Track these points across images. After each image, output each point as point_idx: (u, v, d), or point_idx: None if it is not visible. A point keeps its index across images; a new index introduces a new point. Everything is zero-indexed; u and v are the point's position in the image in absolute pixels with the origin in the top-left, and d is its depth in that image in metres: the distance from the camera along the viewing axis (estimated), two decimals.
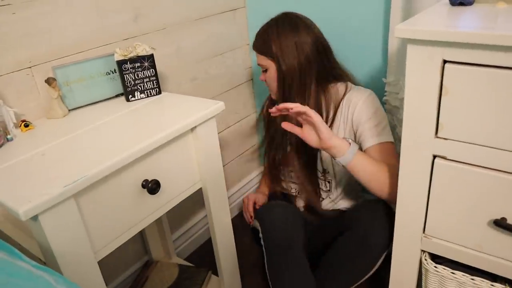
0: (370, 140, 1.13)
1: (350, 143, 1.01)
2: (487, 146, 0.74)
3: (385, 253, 1.08)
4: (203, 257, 1.56)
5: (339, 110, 1.20)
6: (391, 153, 1.11)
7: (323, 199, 1.35)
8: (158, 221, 1.36)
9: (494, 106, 0.70)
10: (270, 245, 1.16)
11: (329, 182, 1.32)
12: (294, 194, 1.38)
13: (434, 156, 0.80)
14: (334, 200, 1.34)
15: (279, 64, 1.17)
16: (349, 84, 1.22)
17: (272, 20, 1.22)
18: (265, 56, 1.20)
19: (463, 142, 0.76)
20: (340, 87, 1.22)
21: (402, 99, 1.21)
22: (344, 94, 1.20)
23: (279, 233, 1.15)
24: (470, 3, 0.83)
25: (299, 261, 1.15)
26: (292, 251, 1.14)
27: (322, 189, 1.34)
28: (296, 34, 1.15)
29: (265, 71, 1.23)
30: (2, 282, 0.41)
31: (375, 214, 1.08)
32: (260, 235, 1.20)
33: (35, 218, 0.67)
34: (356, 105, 1.17)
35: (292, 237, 1.15)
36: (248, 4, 1.57)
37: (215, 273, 1.25)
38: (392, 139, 1.15)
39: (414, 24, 0.74)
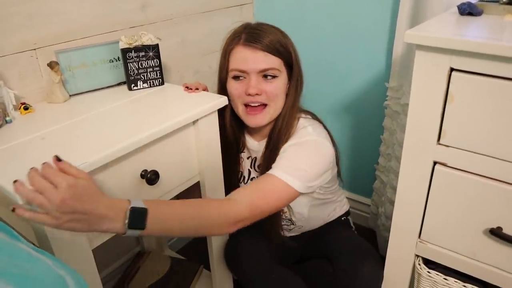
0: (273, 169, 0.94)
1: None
2: (487, 156, 0.75)
3: None
4: (195, 250, 1.56)
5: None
6: (274, 193, 0.90)
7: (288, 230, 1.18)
8: None
9: (496, 116, 0.71)
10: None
11: (289, 220, 1.14)
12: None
13: (435, 163, 0.81)
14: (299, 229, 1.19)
15: (294, 75, 1.02)
16: (303, 118, 1.04)
17: (273, 27, 1.03)
18: (282, 60, 0.99)
19: (464, 150, 0.76)
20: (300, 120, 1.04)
21: (403, 105, 1.22)
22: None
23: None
24: (479, 14, 0.83)
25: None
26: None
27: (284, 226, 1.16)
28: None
29: (272, 77, 0.98)
30: (2, 262, 0.41)
31: (363, 262, 0.98)
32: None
33: None
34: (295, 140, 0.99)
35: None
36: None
37: (207, 267, 1.25)
38: (294, 187, 0.91)
39: (424, 30, 0.74)
